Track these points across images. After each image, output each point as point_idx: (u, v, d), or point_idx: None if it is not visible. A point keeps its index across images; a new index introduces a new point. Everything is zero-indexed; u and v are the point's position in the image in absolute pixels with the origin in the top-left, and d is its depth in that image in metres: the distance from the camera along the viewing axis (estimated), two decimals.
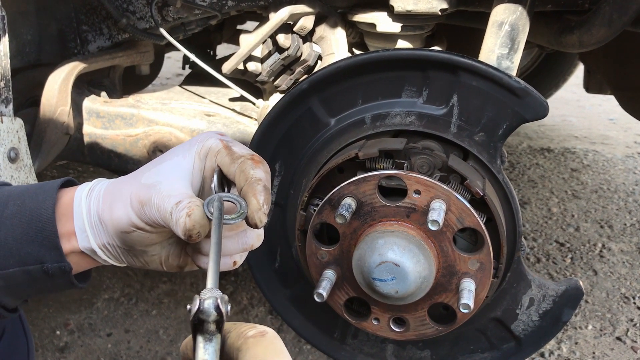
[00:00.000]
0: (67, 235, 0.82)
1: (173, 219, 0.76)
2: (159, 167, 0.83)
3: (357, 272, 1.14)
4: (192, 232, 0.75)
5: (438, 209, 1.08)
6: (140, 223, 0.79)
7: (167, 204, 0.77)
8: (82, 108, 1.73)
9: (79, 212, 0.82)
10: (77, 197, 0.83)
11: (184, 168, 0.83)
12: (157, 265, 0.86)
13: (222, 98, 1.88)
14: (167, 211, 0.77)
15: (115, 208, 0.80)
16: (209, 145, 0.85)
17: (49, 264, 0.80)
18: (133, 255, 0.84)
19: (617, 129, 4.51)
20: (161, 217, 0.77)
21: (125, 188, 0.81)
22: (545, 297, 1.30)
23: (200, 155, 0.85)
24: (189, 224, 0.75)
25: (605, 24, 1.39)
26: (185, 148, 0.85)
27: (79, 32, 1.76)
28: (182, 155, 0.84)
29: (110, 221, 0.81)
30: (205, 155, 0.85)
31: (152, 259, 0.85)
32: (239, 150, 0.83)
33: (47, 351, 2.08)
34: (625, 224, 3.04)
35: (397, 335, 1.24)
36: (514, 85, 1.16)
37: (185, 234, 0.75)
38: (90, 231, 0.82)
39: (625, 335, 2.22)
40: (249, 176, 0.79)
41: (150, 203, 0.78)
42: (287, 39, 1.62)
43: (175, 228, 0.76)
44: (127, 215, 0.79)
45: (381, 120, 1.24)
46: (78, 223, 0.82)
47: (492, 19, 1.40)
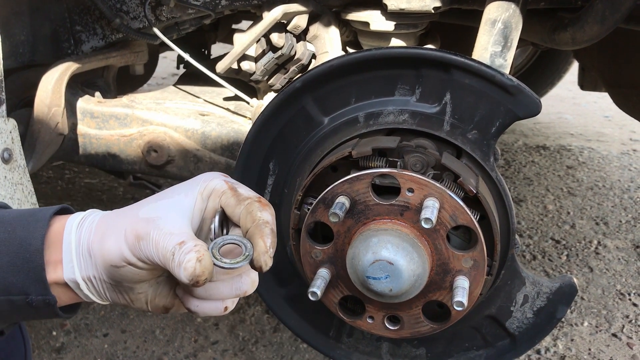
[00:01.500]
0: (54, 264, 0.79)
1: (175, 261, 0.74)
2: (159, 203, 0.81)
3: (351, 271, 1.14)
4: (200, 278, 0.73)
5: (431, 207, 1.08)
6: (133, 258, 0.76)
7: (168, 242, 0.75)
8: (76, 108, 1.73)
9: (68, 242, 0.80)
10: (67, 226, 0.81)
11: (185, 206, 0.81)
12: (142, 305, 0.83)
13: (216, 97, 1.88)
14: (168, 250, 0.74)
15: (107, 240, 0.78)
16: (213, 186, 0.83)
17: (33, 296, 0.78)
18: (118, 292, 0.81)
19: (613, 126, 4.52)
20: (159, 255, 0.75)
21: (120, 220, 0.79)
22: (540, 294, 1.30)
23: (202, 195, 0.82)
24: (198, 270, 0.72)
25: (598, 21, 1.39)
26: (187, 187, 0.83)
27: (73, 33, 1.75)
28: (184, 194, 0.82)
29: (100, 253, 0.78)
30: (208, 196, 0.83)
31: (138, 297, 0.82)
32: (245, 192, 0.82)
33: (43, 352, 2.07)
34: (621, 220, 3.05)
35: (392, 333, 1.24)
36: (507, 83, 1.16)
37: (193, 279, 0.72)
38: (77, 262, 0.79)
39: (621, 332, 2.22)
40: (256, 218, 0.78)
41: (148, 238, 0.75)
42: (281, 38, 1.62)
43: (178, 270, 0.73)
44: (119, 249, 0.77)
45: (374, 119, 1.24)
46: (66, 253, 0.79)
47: (485, 17, 1.40)
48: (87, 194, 3.24)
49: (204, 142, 1.69)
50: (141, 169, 1.73)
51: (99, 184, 3.35)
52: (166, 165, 1.70)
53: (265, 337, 2.17)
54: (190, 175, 1.71)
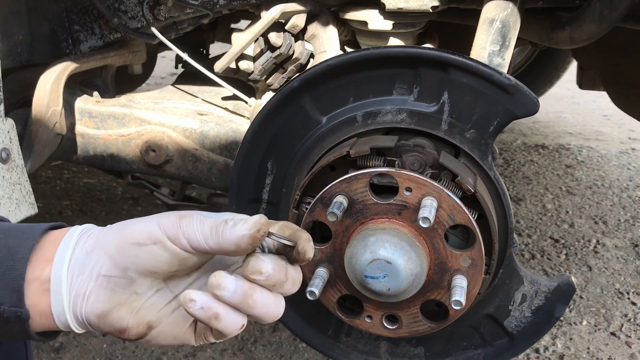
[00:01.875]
0: (44, 261, 0.76)
1: (230, 223, 0.75)
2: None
3: (350, 270, 1.14)
4: (263, 227, 0.74)
5: (429, 206, 1.08)
6: (163, 236, 0.75)
7: (217, 216, 0.76)
8: (74, 108, 1.73)
9: (69, 238, 0.78)
10: (74, 228, 0.80)
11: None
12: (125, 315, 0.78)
13: (214, 97, 1.88)
14: (220, 219, 0.75)
15: (133, 225, 0.77)
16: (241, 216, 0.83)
17: (6, 307, 0.75)
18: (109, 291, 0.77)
19: (611, 125, 4.52)
20: (204, 228, 0.75)
21: (150, 217, 0.79)
22: (538, 293, 1.30)
23: None
24: (263, 219, 0.74)
25: (596, 20, 1.39)
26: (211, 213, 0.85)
27: (71, 32, 1.75)
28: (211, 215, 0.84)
29: (119, 237, 0.76)
30: None
31: (128, 300, 0.78)
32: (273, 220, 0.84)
33: (42, 352, 2.07)
34: (620, 219, 3.05)
35: (390, 332, 1.24)
36: (504, 82, 1.16)
37: (255, 227, 0.73)
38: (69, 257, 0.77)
39: (620, 331, 2.23)
40: (294, 227, 0.81)
41: (192, 217, 0.76)
42: (279, 38, 1.62)
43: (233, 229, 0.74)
44: (149, 228, 0.76)
45: (372, 118, 1.24)
46: (62, 249, 0.77)
47: (483, 16, 1.40)
48: (86, 193, 3.24)
49: (202, 142, 1.68)
50: (139, 168, 1.73)
51: (98, 184, 3.35)
52: (164, 165, 1.70)
53: (264, 337, 2.17)
54: (189, 174, 1.71)
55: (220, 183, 1.70)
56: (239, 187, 1.35)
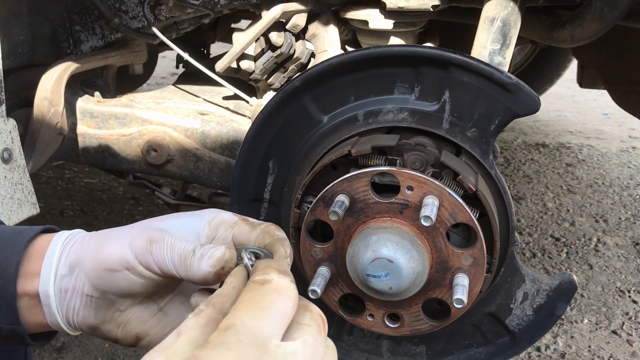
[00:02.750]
0: (31, 275, 0.77)
1: (197, 255, 0.73)
2: (170, 220, 0.80)
3: (351, 269, 1.15)
4: (228, 263, 0.72)
5: (431, 205, 1.08)
6: (135, 262, 0.75)
7: (186, 245, 0.74)
8: (76, 108, 1.73)
9: (52, 253, 0.77)
10: (56, 238, 0.79)
11: (194, 227, 0.81)
12: (113, 328, 0.80)
13: (215, 97, 1.88)
14: (188, 250, 0.74)
15: (108, 245, 0.76)
16: (222, 217, 0.82)
17: (2, 325, 0.76)
18: (93, 309, 0.78)
19: (612, 124, 4.52)
20: (174, 256, 0.74)
21: (126, 230, 0.78)
22: (539, 292, 1.31)
23: (211, 225, 0.82)
24: (227, 255, 0.72)
25: (597, 19, 1.39)
26: (194, 213, 0.83)
27: (72, 32, 1.75)
28: (192, 218, 0.82)
29: (94, 258, 0.76)
30: (217, 227, 0.82)
31: (113, 317, 0.79)
32: (257, 221, 0.82)
33: (44, 351, 2.08)
34: (620, 218, 3.05)
35: (392, 331, 1.24)
36: (505, 81, 1.16)
37: (219, 264, 0.72)
38: (53, 273, 0.77)
39: (621, 329, 2.23)
40: (275, 234, 0.78)
41: (163, 243, 0.74)
42: (280, 37, 1.62)
43: (199, 263, 0.72)
44: (120, 252, 0.75)
45: (374, 117, 1.24)
46: (46, 264, 0.77)
47: (484, 15, 1.40)
48: (87, 193, 3.25)
49: (204, 141, 1.69)
50: (141, 168, 1.73)
51: (99, 184, 3.35)
52: (166, 165, 1.70)
53: None
54: (190, 174, 1.71)
55: (221, 182, 1.70)
56: (241, 187, 1.35)
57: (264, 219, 1.37)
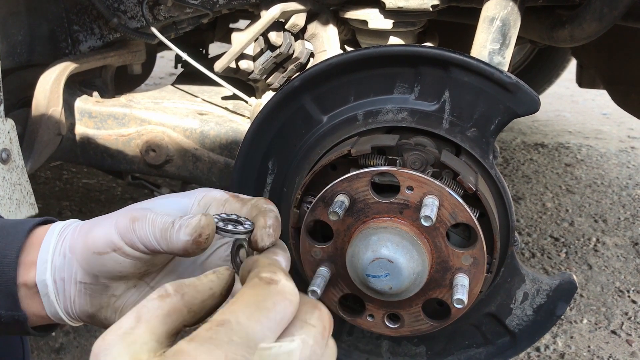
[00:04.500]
0: (28, 265, 0.76)
1: (175, 226, 0.71)
2: (156, 200, 0.79)
3: (351, 269, 1.14)
4: (204, 231, 0.70)
5: (431, 205, 1.08)
6: (120, 242, 0.73)
7: (167, 219, 0.73)
8: (74, 108, 1.73)
9: (48, 243, 0.77)
10: (51, 229, 0.79)
11: (183, 205, 0.79)
12: (111, 315, 0.79)
13: (214, 97, 1.88)
14: (167, 222, 0.72)
15: (95, 229, 0.75)
16: (213, 195, 0.81)
17: (2, 311, 0.75)
18: (88, 296, 0.78)
19: (611, 124, 4.53)
20: (155, 231, 0.72)
21: (112, 214, 0.77)
22: (539, 292, 1.30)
23: (200, 203, 0.80)
24: (203, 222, 0.70)
25: (596, 19, 1.39)
26: (184, 193, 0.81)
27: (70, 32, 1.75)
28: (181, 197, 0.80)
29: (83, 243, 0.75)
30: (207, 205, 0.80)
31: (109, 302, 0.78)
32: (247, 196, 0.81)
33: (42, 352, 2.07)
34: (619, 217, 3.05)
35: (392, 331, 1.24)
36: (505, 81, 1.16)
37: (196, 232, 0.69)
38: (50, 262, 0.76)
39: (620, 329, 2.23)
40: (262, 207, 0.76)
41: (145, 219, 0.73)
42: (279, 37, 1.62)
43: (177, 234, 0.70)
44: (106, 234, 0.74)
45: (373, 117, 1.24)
46: (42, 253, 0.77)
47: (484, 15, 1.40)
48: (86, 194, 3.24)
49: (203, 142, 1.68)
50: (139, 168, 1.73)
51: (97, 184, 3.35)
52: (165, 165, 1.70)
53: None
54: (189, 174, 1.70)
55: (220, 183, 1.70)
56: (240, 187, 1.35)
57: None
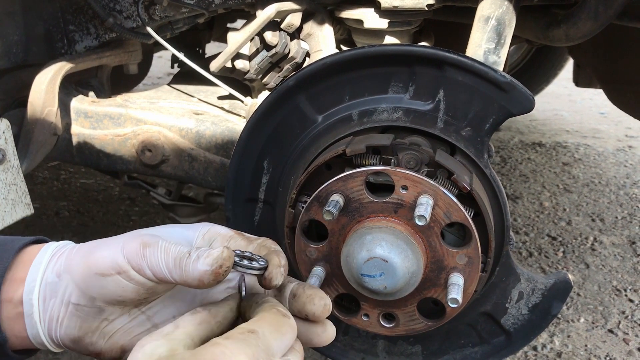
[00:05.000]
0: (17, 282, 0.76)
1: (193, 256, 0.72)
2: (162, 228, 0.80)
3: (346, 269, 1.14)
4: (225, 262, 0.71)
5: (425, 204, 1.08)
6: (127, 266, 0.73)
7: (180, 248, 0.73)
8: (70, 108, 1.72)
9: (39, 262, 0.76)
10: (46, 247, 0.78)
11: (188, 237, 0.80)
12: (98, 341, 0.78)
13: (210, 96, 1.88)
14: (183, 252, 0.73)
15: (98, 251, 0.75)
16: (217, 230, 0.82)
17: None
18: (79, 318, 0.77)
19: (608, 123, 4.53)
20: (169, 259, 0.72)
21: (116, 238, 0.76)
22: (535, 291, 1.30)
23: (205, 237, 0.81)
24: (225, 254, 0.71)
25: (591, 18, 1.39)
26: (187, 225, 0.82)
27: (66, 32, 1.75)
28: (185, 229, 0.81)
29: (84, 263, 0.74)
30: (211, 239, 0.81)
31: (99, 327, 0.78)
32: (253, 236, 0.83)
33: (40, 352, 2.07)
34: (617, 217, 3.06)
35: (387, 330, 1.24)
36: (500, 80, 1.16)
37: (216, 263, 0.71)
38: (40, 281, 0.76)
39: (617, 328, 2.23)
40: (272, 247, 0.80)
41: (157, 246, 0.73)
42: (275, 37, 1.62)
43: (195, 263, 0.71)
44: (112, 257, 0.74)
45: (368, 117, 1.24)
46: (33, 271, 0.76)
47: (479, 14, 1.40)
48: (83, 194, 3.24)
49: (199, 141, 1.68)
50: (136, 168, 1.72)
51: (95, 184, 3.35)
52: (161, 165, 1.70)
53: None
54: (185, 174, 1.70)
55: (216, 182, 1.70)
56: (235, 187, 1.35)
57: (258, 219, 1.36)
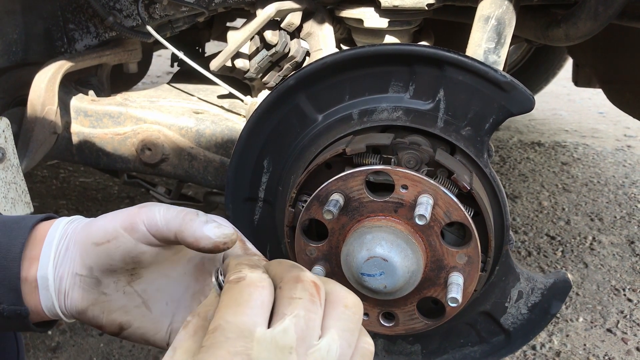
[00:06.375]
0: (31, 260, 0.77)
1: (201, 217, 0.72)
2: None
3: (346, 268, 1.14)
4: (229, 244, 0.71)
5: (425, 204, 1.08)
6: (118, 231, 0.74)
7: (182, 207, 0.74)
8: (70, 107, 1.72)
9: (52, 237, 0.78)
10: (56, 223, 0.79)
11: None
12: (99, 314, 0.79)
13: (210, 95, 1.88)
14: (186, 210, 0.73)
15: (98, 221, 0.76)
16: None
17: (5, 305, 0.76)
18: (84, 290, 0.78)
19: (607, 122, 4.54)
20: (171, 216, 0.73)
21: (123, 210, 0.77)
22: (534, 290, 1.31)
23: None
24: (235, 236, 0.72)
25: (591, 17, 1.39)
26: None
27: (66, 31, 1.75)
28: None
29: (85, 236, 0.76)
30: None
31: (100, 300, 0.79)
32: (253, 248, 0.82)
33: (38, 351, 2.07)
34: (615, 216, 3.06)
35: (387, 330, 1.24)
36: (500, 79, 1.16)
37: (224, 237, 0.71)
38: (53, 256, 0.77)
39: (616, 327, 2.23)
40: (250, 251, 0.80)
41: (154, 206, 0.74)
42: (275, 36, 1.62)
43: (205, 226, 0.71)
44: (107, 225, 0.75)
45: (368, 116, 1.24)
46: (46, 247, 0.77)
47: (479, 14, 1.40)
48: (82, 192, 3.24)
49: (198, 140, 1.68)
50: (135, 167, 1.73)
51: (94, 183, 3.34)
52: (160, 164, 1.70)
53: None
54: (185, 173, 1.70)
55: (216, 181, 1.70)
56: (235, 186, 1.35)
57: (258, 218, 1.36)
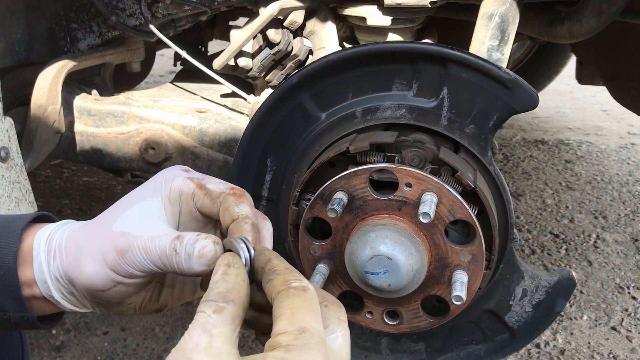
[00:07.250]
0: (28, 284, 0.76)
1: (182, 254, 0.70)
2: (129, 212, 0.75)
3: (350, 266, 1.14)
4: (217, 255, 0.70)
5: (429, 202, 1.08)
6: (119, 277, 0.73)
7: (160, 243, 0.71)
8: (73, 106, 1.73)
9: (39, 263, 0.76)
10: (36, 244, 0.77)
11: (157, 210, 0.76)
12: (132, 312, 0.80)
13: (213, 94, 1.88)
14: (166, 249, 0.70)
15: (85, 264, 0.74)
16: (179, 188, 0.77)
17: (11, 314, 0.76)
18: (105, 307, 0.79)
19: (611, 120, 4.52)
20: (153, 258, 0.71)
21: (93, 239, 0.74)
22: (538, 288, 1.30)
23: (170, 199, 0.77)
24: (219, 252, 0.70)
25: (595, 14, 1.39)
26: (149, 190, 0.78)
27: (69, 31, 1.75)
28: (149, 199, 0.77)
29: (81, 278, 0.74)
30: (178, 199, 0.77)
31: (127, 308, 0.79)
32: (215, 186, 0.77)
33: (43, 350, 2.07)
34: (619, 214, 3.05)
35: (391, 328, 1.24)
36: (504, 77, 1.16)
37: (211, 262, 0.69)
38: (51, 284, 0.76)
39: (620, 325, 2.23)
40: (234, 214, 0.74)
41: (133, 249, 0.71)
42: (278, 34, 1.62)
43: (189, 262, 0.69)
44: (102, 272, 0.73)
45: (372, 114, 1.24)
46: (38, 274, 0.76)
47: (482, 11, 1.40)
48: (86, 192, 3.24)
49: (202, 139, 1.68)
50: (139, 166, 1.73)
51: (98, 182, 3.35)
52: (164, 163, 1.70)
53: None
54: None
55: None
56: (239, 184, 1.33)
57: None
